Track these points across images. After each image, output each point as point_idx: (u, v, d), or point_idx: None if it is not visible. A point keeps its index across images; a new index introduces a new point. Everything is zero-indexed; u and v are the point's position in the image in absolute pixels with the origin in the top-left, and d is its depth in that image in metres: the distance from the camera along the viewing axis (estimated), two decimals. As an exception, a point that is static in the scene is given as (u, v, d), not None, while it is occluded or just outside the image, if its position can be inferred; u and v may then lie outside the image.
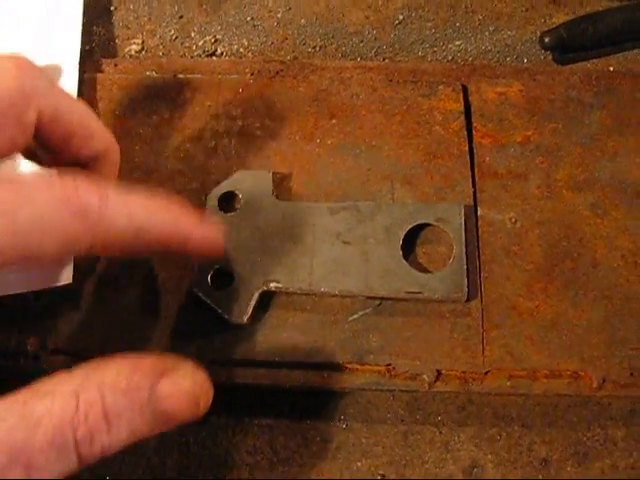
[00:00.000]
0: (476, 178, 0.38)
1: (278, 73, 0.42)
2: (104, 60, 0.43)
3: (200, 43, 0.46)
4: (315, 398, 0.37)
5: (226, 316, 0.35)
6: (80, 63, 0.42)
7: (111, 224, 0.28)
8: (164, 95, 0.41)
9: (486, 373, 0.35)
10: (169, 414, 0.26)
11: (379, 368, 0.35)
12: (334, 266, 0.36)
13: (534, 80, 0.41)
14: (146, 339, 0.35)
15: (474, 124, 0.40)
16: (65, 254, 0.29)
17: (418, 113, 0.40)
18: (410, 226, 0.36)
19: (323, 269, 0.36)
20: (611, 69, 0.44)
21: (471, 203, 0.38)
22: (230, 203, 0.38)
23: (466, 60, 0.45)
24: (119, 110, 0.41)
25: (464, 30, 0.46)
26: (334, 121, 0.40)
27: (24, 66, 0.30)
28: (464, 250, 0.36)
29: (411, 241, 0.37)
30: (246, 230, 0.37)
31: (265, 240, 0.36)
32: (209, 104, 0.41)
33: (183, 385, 0.27)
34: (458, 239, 0.36)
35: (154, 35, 0.46)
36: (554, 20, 0.46)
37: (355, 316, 0.36)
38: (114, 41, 0.46)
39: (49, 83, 0.31)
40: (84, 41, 0.43)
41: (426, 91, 0.41)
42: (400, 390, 0.35)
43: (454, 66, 0.43)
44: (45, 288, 0.35)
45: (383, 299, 0.36)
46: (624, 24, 0.43)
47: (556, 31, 0.43)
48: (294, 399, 0.37)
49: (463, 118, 0.40)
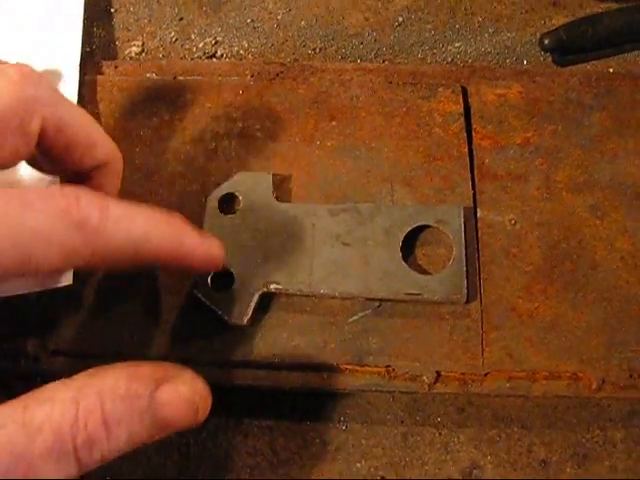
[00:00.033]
0: (476, 180, 0.38)
1: (278, 75, 0.42)
2: (104, 62, 0.43)
3: (200, 45, 0.46)
4: (315, 399, 0.37)
5: (226, 317, 0.35)
6: (80, 65, 0.42)
7: (111, 237, 0.27)
8: (164, 97, 0.41)
9: (485, 374, 0.35)
10: (168, 421, 0.27)
11: (379, 369, 0.35)
12: (334, 268, 0.36)
13: (534, 82, 0.41)
14: (146, 340, 0.35)
15: (474, 126, 0.40)
16: (64, 266, 0.28)
17: (418, 115, 0.40)
18: (410, 228, 0.37)
19: (323, 271, 0.36)
20: (611, 71, 0.44)
21: (471, 205, 0.38)
22: (230, 205, 0.38)
23: (466, 62, 0.45)
24: (119, 112, 0.41)
25: (464, 32, 0.46)
26: (334, 123, 0.40)
27: (28, 75, 0.30)
28: (464, 252, 0.36)
29: (411, 243, 0.37)
30: (246, 232, 0.37)
31: (265, 242, 0.36)
32: (209, 106, 0.41)
33: (182, 392, 0.27)
34: (458, 241, 0.36)
35: (154, 37, 0.46)
36: (554, 22, 0.46)
37: (355, 317, 0.36)
38: (114, 43, 0.46)
39: (53, 92, 0.31)
40: (84, 43, 0.44)
41: (426, 93, 0.41)
42: (400, 391, 0.35)
43: (454, 68, 0.43)
44: (46, 289, 0.35)
45: (383, 301, 0.36)
46: (623, 26, 0.43)
47: (556, 33, 0.43)
48: (294, 400, 0.37)
49: (463, 120, 0.40)
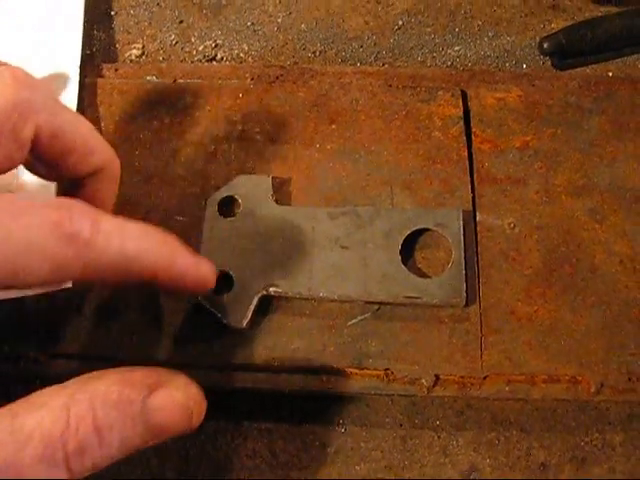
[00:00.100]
0: (475, 183, 0.39)
1: (278, 78, 0.42)
2: (104, 65, 0.43)
3: (200, 48, 0.46)
4: (314, 402, 0.37)
5: (226, 321, 0.35)
6: (81, 68, 0.42)
7: (102, 252, 0.27)
8: (164, 100, 0.41)
9: (484, 378, 0.35)
10: (162, 426, 0.26)
11: (378, 373, 0.35)
12: (333, 271, 0.36)
13: (533, 85, 0.41)
14: (146, 344, 0.35)
15: (473, 129, 0.40)
16: (54, 280, 0.27)
17: (417, 118, 0.40)
18: (409, 231, 0.37)
19: (322, 274, 0.36)
20: (610, 74, 0.44)
21: (470, 208, 0.38)
22: (230, 208, 0.38)
23: (465, 65, 0.45)
24: (119, 115, 0.41)
25: (463, 35, 0.46)
26: (334, 126, 0.40)
27: (22, 80, 0.29)
28: (463, 255, 0.36)
29: (410, 246, 0.37)
30: (246, 235, 0.37)
31: (264, 245, 0.36)
32: (209, 109, 0.41)
33: (176, 397, 0.27)
34: (457, 244, 0.36)
35: (154, 40, 0.46)
36: (553, 26, 0.46)
37: (354, 321, 0.36)
38: (114, 46, 0.46)
39: (48, 97, 0.30)
40: (85, 46, 0.44)
41: (425, 96, 0.41)
42: (399, 395, 0.35)
43: (453, 71, 0.43)
44: (45, 292, 0.35)
45: (382, 304, 0.36)
46: (623, 30, 0.43)
47: (555, 37, 0.43)
48: (293, 403, 0.37)
49: (462, 123, 0.40)
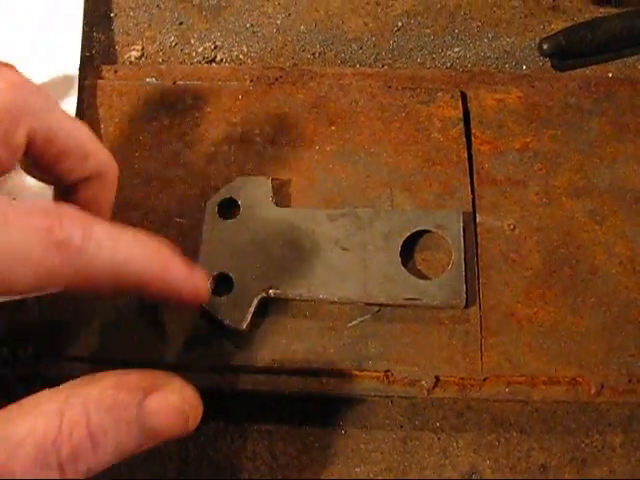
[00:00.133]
0: (475, 185, 0.39)
1: (277, 80, 0.42)
2: (104, 67, 0.43)
3: (200, 50, 0.46)
4: (314, 404, 0.37)
5: (225, 322, 0.35)
6: (80, 69, 0.42)
7: (93, 260, 0.26)
8: (164, 102, 0.41)
9: (484, 379, 0.35)
10: (157, 430, 0.26)
11: (378, 374, 0.35)
12: (333, 272, 0.36)
13: (533, 87, 0.41)
14: (145, 345, 0.35)
15: (473, 131, 0.40)
16: (42, 288, 0.26)
17: (417, 120, 0.40)
18: (409, 233, 0.37)
19: (322, 275, 0.36)
20: (610, 76, 0.44)
21: (470, 210, 0.38)
22: (229, 209, 0.38)
23: (465, 67, 0.45)
24: (119, 117, 0.41)
25: (463, 37, 0.46)
26: (333, 128, 0.40)
27: (17, 83, 0.29)
28: (463, 257, 0.36)
29: (410, 248, 0.37)
30: (245, 236, 0.37)
31: (264, 246, 0.36)
32: (209, 110, 0.41)
33: (171, 401, 0.26)
34: (457, 246, 0.36)
35: (154, 42, 0.46)
36: (553, 27, 0.46)
37: (354, 322, 0.36)
38: (114, 47, 0.46)
39: (44, 101, 0.30)
40: (84, 47, 0.44)
41: (425, 98, 0.41)
42: (399, 396, 0.35)
43: (453, 73, 0.43)
44: (44, 293, 0.35)
45: (382, 305, 0.36)
46: (623, 31, 0.43)
47: (555, 38, 0.43)
48: (293, 405, 0.37)
49: (462, 125, 0.40)
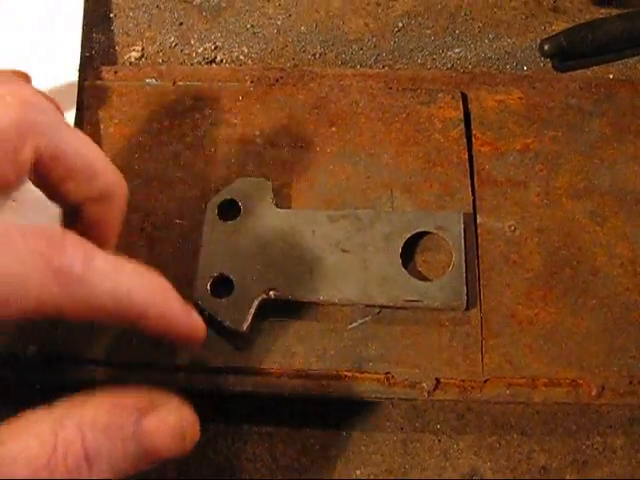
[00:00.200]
0: (475, 186, 0.38)
1: (278, 80, 0.42)
2: (104, 67, 0.43)
3: (200, 50, 0.46)
4: (314, 406, 0.37)
5: (226, 324, 0.35)
6: (80, 70, 0.42)
7: (93, 291, 0.26)
8: (164, 102, 0.41)
9: (485, 381, 0.34)
10: (154, 450, 0.26)
11: (378, 376, 0.35)
12: (333, 274, 0.36)
13: (534, 88, 0.41)
14: (145, 348, 0.35)
15: (473, 132, 0.40)
16: (39, 316, 0.26)
17: (417, 121, 0.40)
18: (409, 234, 0.36)
19: (322, 277, 0.36)
20: (611, 77, 0.44)
21: (470, 211, 0.38)
22: (230, 211, 0.37)
23: (466, 68, 0.45)
24: (119, 117, 0.41)
25: (464, 37, 0.46)
26: (334, 129, 0.40)
27: (26, 100, 0.28)
28: (463, 258, 0.36)
29: (410, 249, 0.37)
30: (246, 238, 0.37)
31: (265, 248, 0.36)
32: (209, 111, 0.41)
33: (169, 421, 0.26)
34: (457, 247, 0.36)
35: (154, 42, 0.46)
36: (554, 28, 0.46)
37: (354, 324, 0.36)
38: (114, 48, 0.46)
39: (54, 118, 0.30)
40: (84, 48, 0.44)
41: (426, 99, 0.41)
42: (399, 398, 0.35)
43: (454, 74, 0.43)
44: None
45: (382, 307, 0.36)
46: (624, 32, 0.43)
47: (556, 39, 0.43)
48: (293, 407, 0.37)
49: (463, 126, 0.40)
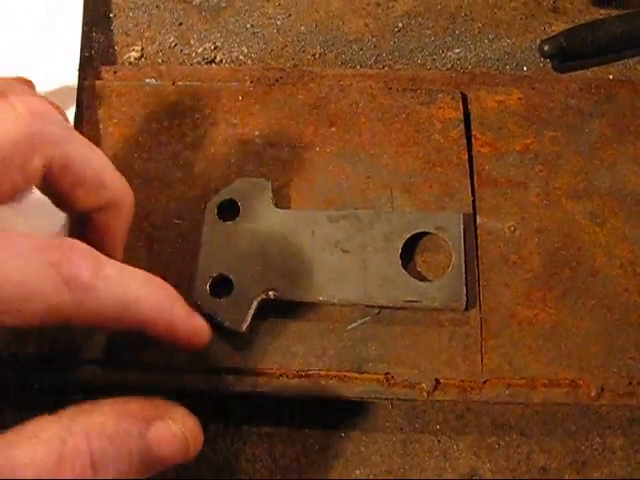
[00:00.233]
0: (475, 186, 0.38)
1: (278, 81, 0.42)
2: (103, 67, 0.43)
3: (199, 50, 0.46)
4: (314, 406, 0.37)
5: (225, 324, 0.35)
6: (79, 70, 0.42)
7: (101, 298, 0.27)
8: (163, 102, 0.41)
9: (485, 382, 0.34)
10: (159, 459, 0.26)
11: (378, 377, 0.35)
12: (333, 274, 0.36)
13: (533, 88, 0.41)
14: (144, 348, 0.35)
15: (473, 132, 0.40)
16: (48, 323, 0.26)
17: (417, 121, 0.40)
18: (409, 234, 0.36)
19: (322, 277, 0.36)
20: (610, 77, 0.44)
21: (470, 212, 0.38)
22: (229, 211, 0.37)
23: (465, 68, 0.45)
24: (118, 118, 0.41)
25: (463, 38, 0.46)
26: (333, 129, 0.40)
27: (36, 111, 0.29)
28: (463, 259, 0.36)
29: (410, 249, 0.37)
30: (245, 238, 0.37)
31: (264, 248, 0.36)
32: (208, 111, 0.41)
33: (173, 430, 0.27)
34: (457, 248, 0.36)
35: (153, 42, 0.46)
36: (553, 28, 0.46)
37: (354, 325, 0.36)
38: (113, 48, 0.46)
39: (63, 129, 0.30)
40: (83, 48, 0.44)
41: (425, 99, 0.41)
42: (399, 399, 0.35)
43: (453, 74, 0.43)
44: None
45: (382, 308, 0.36)
46: (623, 32, 0.43)
47: (556, 39, 0.43)
48: (293, 407, 0.37)
49: (462, 126, 0.40)
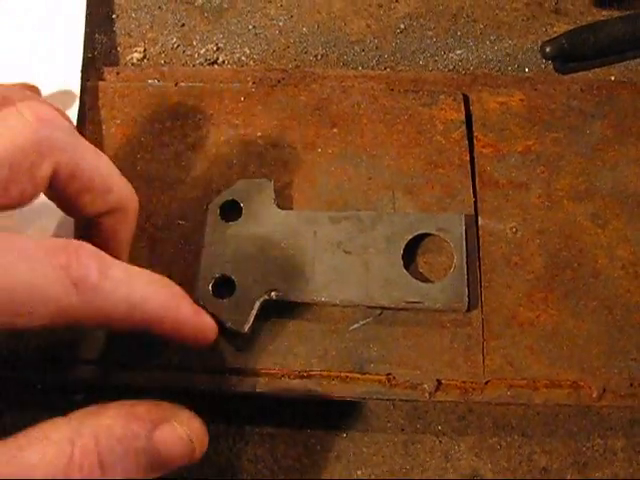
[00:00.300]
0: (477, 188, 0.38)
1: (280, 82, 0.42)
2: (106, 68, 0.43)
3: (202, 51, 0.46)
4: (316, 407, 0.37)
5: (227, 325, 0.35)
6: (82, 71, 0.42)
7: (109, 298, 0.27)
8: (166, 103, 0.41)
9: (486, 383, 0.34)
10: (165, 460, 0.27)
11: (379, 377, 0.35)
12: (335, 275, 0.36)
13: (535, 90, 0.41)
14: (147, 349, 0.35)
15: (475, 133, 0.40)
16: (56, 325, 0.26)
17: (419, 122, 0.40)
18: (411, 236, 0.36)
19: (324, 278, 0.36)
20: (612, 79, 0.44)
21: (472, 213, 0.38)
22: (232, 212, 0.37)
23: (467, 69, 0.45)
24: (121, 118, 0.41)
25: (465, 39, 0.46)
26: (335, 130, 0.40)
27: (44, 117, 0.29)
28: (465, 260, 0.36)
29: (412, 251, 0.37)
30: (247, 239, 0.37)
31: (266, 249, 0.36)
32: (211, 112, 0.41)
33: (179, 432, 0.27)
34: (459, 249, 0.36)
35: (156, 43, 0.46)
36: (555, 29, 0.46)
37: (356, 325, 0.36)
38: (116, 49, 0.46)
39: (68, 135, 0.30)
40: (86, 49, 0.44)
41: (427, 100, 0.41)
42: (400, 399, 0.35)
43: (455, 75, 0.43)
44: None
45: (384, 309, 0.36)
46: (625, 34, 0.43)
47: (557, 40, 0.43)
48: (295, 408, 0.37)
49: (464, 127, 0.40)
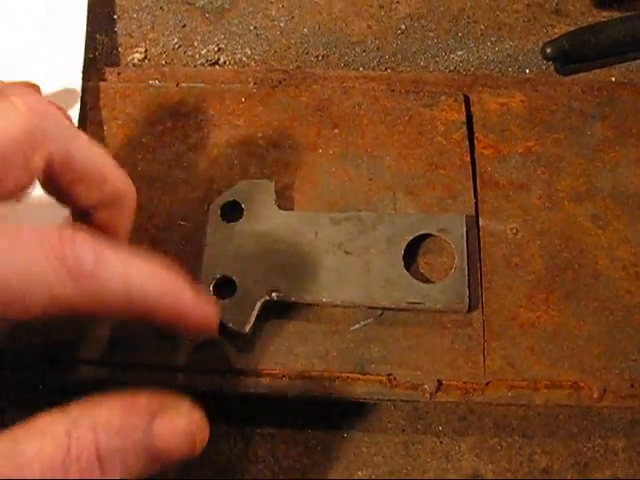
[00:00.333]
0: (478, 189, 0.39)
1: (281, 82, 0.42)
2: (107, 69, 0.43)
3: (203, 52, 0.46)
4: (316, 408, 0.37)
5: (228, 326, 0.35)
6: (83, 71, 0.42)
7: (105, 286, 0.26)
8: (167, 104, 0.41)
9: (487, 383, 0.34)
10: (165, 453, 0.26)
11: (380, 378, 0.35)
12: (336, 276, 0.36)
13: (536, 91, 0.41)
14: (147, 348, 0.35)
15: (476, 134, 0.40)
16: (52, 313, 0.26)
17: (420, 123, 0.40)
18: (412, 236, 0.37)
19: (325, 279, 0.36)
20: (613, 80, 0.44)
21: (473, 214, 0.38)
22: (233, 212, 0.38)
23: (468, 70, 0.45)
24: (122, 119, 0.41)
25: (466, 40, 0.46)
26: (336, 131, 0.40)
27: (36, 107, 0.28)
28: (465, 261, 0.36)
29: (413, 251, 0.37)
30: (248, 240, 0.37)
31: (267, 250, 0.36)
32: (212, 113, 0.41)
33: (179, 424, 0.26)
34: (460, 250, 0.36)
35: (157, 44, 0.46)
36: (556, 31, 0.46)
37: (357, 326, 0.36)
38: (117, 50, 0.46)
39: (64, 126, 0.30)
40: (87, 49, 0.44)
41: (428, 101, 0.41)
42: (401, 400, 0.35)
43: (456, 76, 0.43)
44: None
45: (385, 309, 0.36)
46: (626, 35, 0.43)
47: (558, 42, 0.43)
48: (296, 408, 0.37)
49: (465, 128, 0.40)
